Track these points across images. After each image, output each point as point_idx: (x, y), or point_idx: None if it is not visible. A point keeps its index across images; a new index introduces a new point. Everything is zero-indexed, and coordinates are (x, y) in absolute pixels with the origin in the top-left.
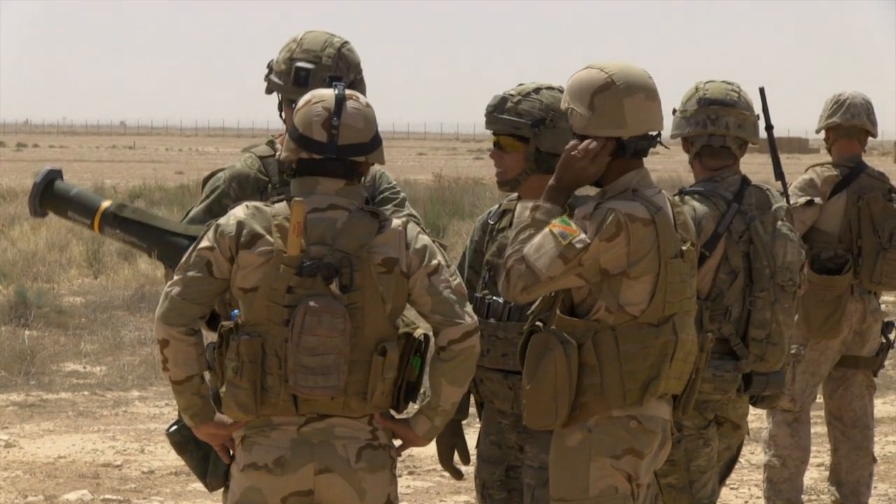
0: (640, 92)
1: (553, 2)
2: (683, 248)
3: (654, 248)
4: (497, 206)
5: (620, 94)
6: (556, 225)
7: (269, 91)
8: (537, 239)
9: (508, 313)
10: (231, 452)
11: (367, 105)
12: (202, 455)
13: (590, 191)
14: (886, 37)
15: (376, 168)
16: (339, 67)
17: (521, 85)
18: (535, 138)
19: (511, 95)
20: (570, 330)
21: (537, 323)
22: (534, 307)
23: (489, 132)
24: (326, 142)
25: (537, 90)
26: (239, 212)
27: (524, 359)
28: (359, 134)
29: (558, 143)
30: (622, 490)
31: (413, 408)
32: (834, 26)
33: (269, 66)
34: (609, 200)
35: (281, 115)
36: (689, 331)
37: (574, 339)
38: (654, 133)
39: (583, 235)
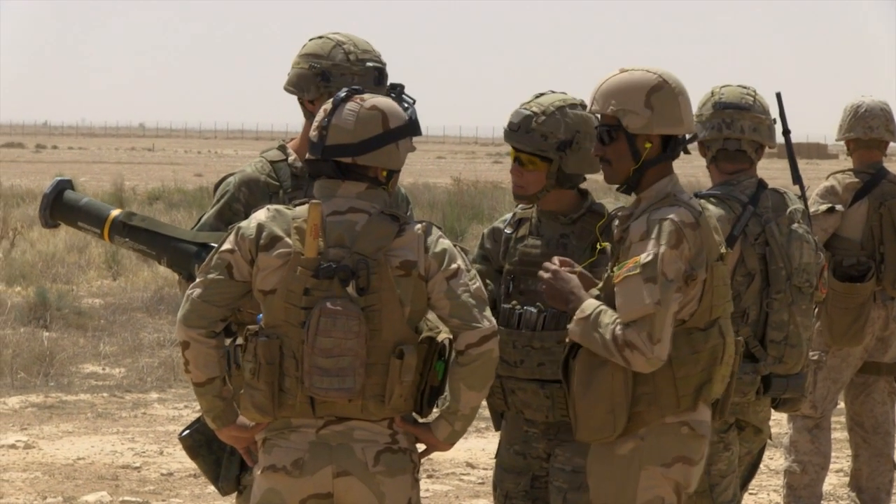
0: (685, 92)
1: (572, 6)
2: (722, 250)
3: (702, 252)
4: (511, 214)
5: (675, 93)
6: (619, 275)
7: (321, 97)
8: (617, 297)
9: (544, 322)
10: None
11: (374, 108)
12: (214, 459)
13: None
14: None
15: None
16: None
17: (539, 97)
18: (560, 160)
19: (535, 114)
20: None
21: None
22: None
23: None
24: (316, 142)
25: (561, 108)
26: (260, 214)
27: (567, 371)
28: (345, 135)
29: (583, 164)
30: (668, 501)
31: (437, 412)
32: (852, 31)
33: (322, 71)
34: (654, 211)
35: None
36: (731, 333)
37: None
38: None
39: (644, 254)
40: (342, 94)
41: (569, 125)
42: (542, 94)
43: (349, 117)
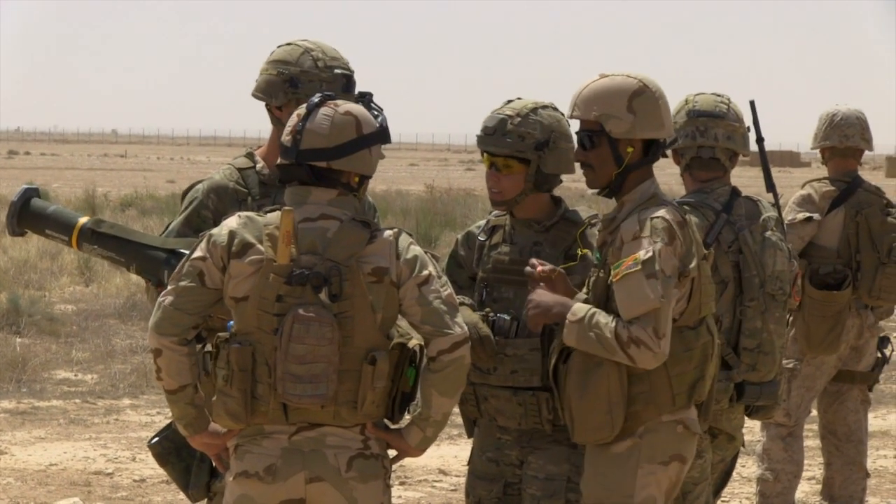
0: (664, 96)
1: (546, 13)
2: (704, 250)
3: (692, 249)
4: (485, 221)
5: (655, 98)
6: (618, 273)
7: (289, 103)
8: (618, 295)
9: (517, 330)
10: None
11: (347, 113)
12: (184, 466)
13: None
14: (885, 50)
15: None
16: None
17: (510, 102)
18: (539, 160)
19: (510, 116)
20: None
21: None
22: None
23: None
24: (290, 146)
25: (535, 110)
26: (231, 221)
27: (556, 375)
28: (320, 139)
29: (560, 163)
30: (659, 502)
31: (408, 418)
32: (827, 39)
33: (290, 78)
34: (643, 211)
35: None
36: (717, 332)
37: None
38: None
39: (642, 251)
40: (315, 99)
41: (544, 125)
42: (511, 101)
43: (324, 122)
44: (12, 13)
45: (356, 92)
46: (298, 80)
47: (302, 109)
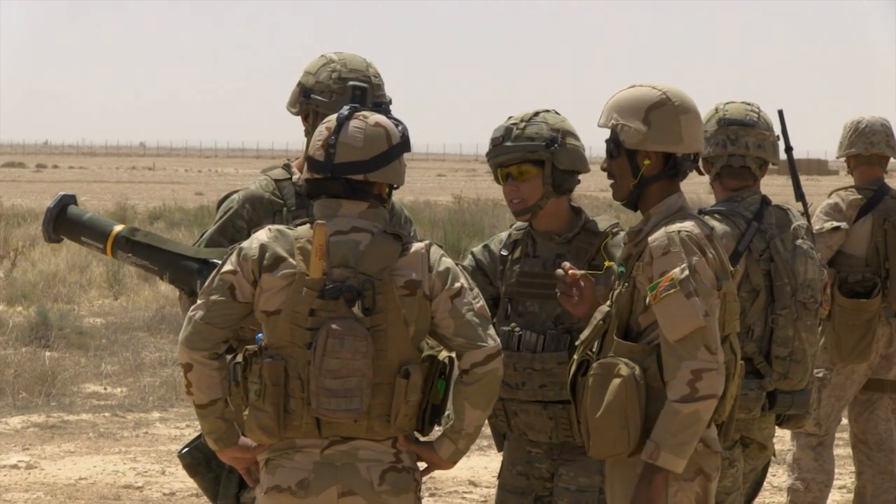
0: (692, 111)
1: (574, 26)
2: (731, 268)
3: (722, 264)
4: (507, 235)
5: (677, 111)
6: (655, 295)
7: (305, 112)
8: (660, 317)
9: (544, 344)
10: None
11: (377, 125)
12: (213, 477)
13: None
14: None
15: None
16: (382, 87)
17: (512, 117)
18: (552, 157)
19: (514, 123)
20: (631, 355)
21: (588, 352)
22: (583, 337)
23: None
24: (324, 161)
25: (537, 114)
26: (262, 235)
27: (575, 389)
28: (355, 152)
29: (573, 159)
30: None
31: (438, 430)
32: (853, 49)
33: (305, 88)
34: (670, 224)
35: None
36: (740, 351)
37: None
38: (696, 155)
39: (676, 269)
40: (345, 112)
41: (550, 125)
42: (512, 116)
43: (357, 134)
44: (38, 26)
45: (370, 103)
46: (311, 91)
47: (331, 122)
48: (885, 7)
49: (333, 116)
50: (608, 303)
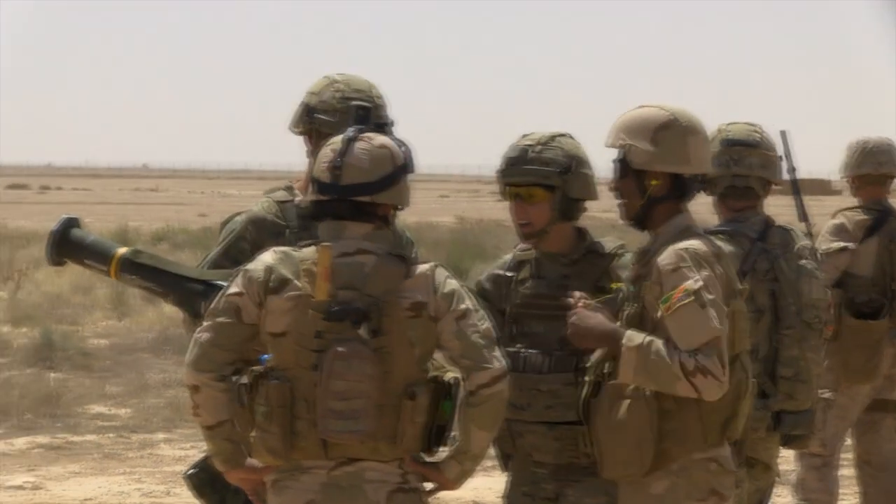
0: (700, 132)
1: (577, 49)
2: (740, 286)
3: (730, 282)
4: (510, 257)
5: (685, 132)
6: (669, 306)
7: (308, 132)
8: (673, 328)
9: (550, 365)
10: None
11: (383, 146)
12: (219, 499)
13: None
14: None
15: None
16: (385, 108)
17: (528, 135)
18: (564, 185)
19: (531, 145)
20: None
21: (601, 373)
22: (595, 357)
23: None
24: (330, 182)
25: (553, 138)
26: (267, 257)
27: (587, 410)
28: (362, 174)
29: (584, 188)
30: None
31: (444, 450)
32: (854, 69)
33: (309, 107)
34: (679, 242)
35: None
36: (751, 369)
37: None
38: (704, 176)
39: (689, 281)
40: (350, 133)
41: (565, 151)
42: (528, 134)
43: (363, 156)
44: (42, 47)
45: (373, 123)
46: (314, 110)
47: (337, 144)
48: (887, 27)
49: (338, 138)
50: (618, 324)
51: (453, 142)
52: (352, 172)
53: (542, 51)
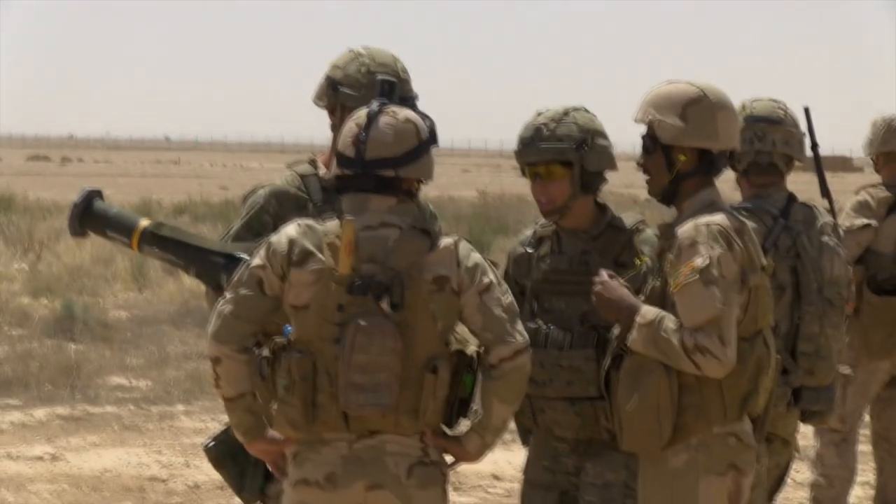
0: (729, 108)
1: (597, 23)
2: (763, 261)
3: (753, 257)
4: (531, 232)
5: (714, 108)
6: (677, 283)
7: (332, 106)
8: (679, 305)
9: (571, 341)
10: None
11: (407, 120)
12: (239, 470)
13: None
14: None
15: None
16: (409, 82)
17: (542, 113)
18: (582, 160)
19: (545, 123)
20: None
21: (622, 347)
22: (616, 331)
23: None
24: (354, 156)
25: (567, 113)
26: (291, 230)
27: (609, 384)
28: (386, 148)
29: (602, 160)
30: None
31: (465, 423)
32: (877, 45)
33: (333, 81)
34: (700, 217)
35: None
36: (774, 345)
37: None
38: (731, 152)
39: (699, 258)
40: (374, 107)
41: (580, 125)
42: (541, 112)
43: (388, 130)
44: (63, 19)
45: (398, 98)
46: (339, 84)
47: (361, 118)
48: None
49: (363, 112)
50: (641, 298)
51: (476, 116)
52: (376, 147)
53: (567, 23)
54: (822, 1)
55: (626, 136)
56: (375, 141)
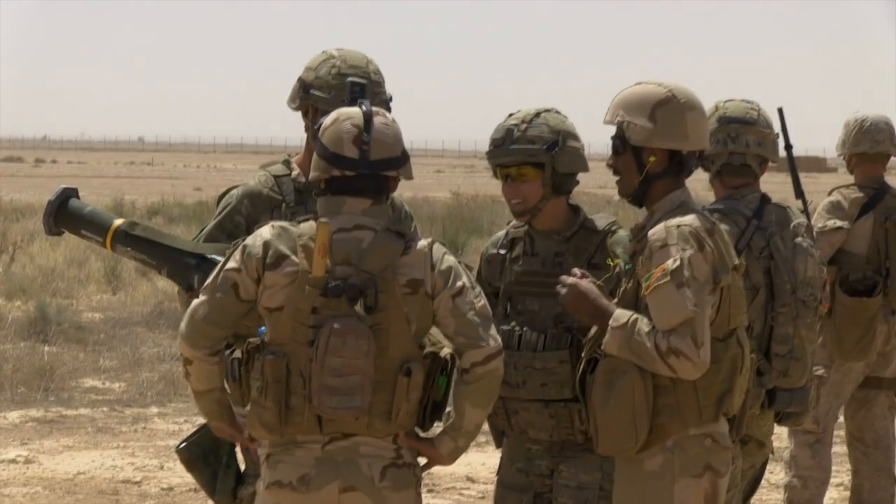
0: (698, 108)
1: (573, 23)
2: (735, 261)
3: (723, 257)
4: (504, 233)
5: (682, 108)
6: (649, 286)
7: (304, 107)
8: (651, 307)
9: (545, 343)
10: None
11: (393, 121)
12: (211, 472)
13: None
14: None
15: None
16: (382, 84)
17: (513, 115)
18: (552, 161)
19: (515, 125)
20: None
21: (597, 350)
22: (591, 334)
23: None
24: (358, 158)
25: (538, 114)
26: (265, 232)
27: (584, 386)
28: (389, 149)
29: (573, 162)
30: None
31: (438, 426)
32: (851, 46)
33: (305, 83)
34: (670, 219)
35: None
36: (748, 344)
37: None
38: (702, 152)
39: (670, 260)
40: (365, 108)
41: (551, 126)
42: (513, 113)
43: (387, 131)
44: (38, 20)
45: (368, 99)
46: (310, 86)
47: (356, 119)
48: (885, 5)
49: (353, 111)
50: (614, 300)
51: (449, 117)
52: (381, 147)
53: (542, 24)
54: (797, 1)
55: (600, 137)
56: (379, 141)
